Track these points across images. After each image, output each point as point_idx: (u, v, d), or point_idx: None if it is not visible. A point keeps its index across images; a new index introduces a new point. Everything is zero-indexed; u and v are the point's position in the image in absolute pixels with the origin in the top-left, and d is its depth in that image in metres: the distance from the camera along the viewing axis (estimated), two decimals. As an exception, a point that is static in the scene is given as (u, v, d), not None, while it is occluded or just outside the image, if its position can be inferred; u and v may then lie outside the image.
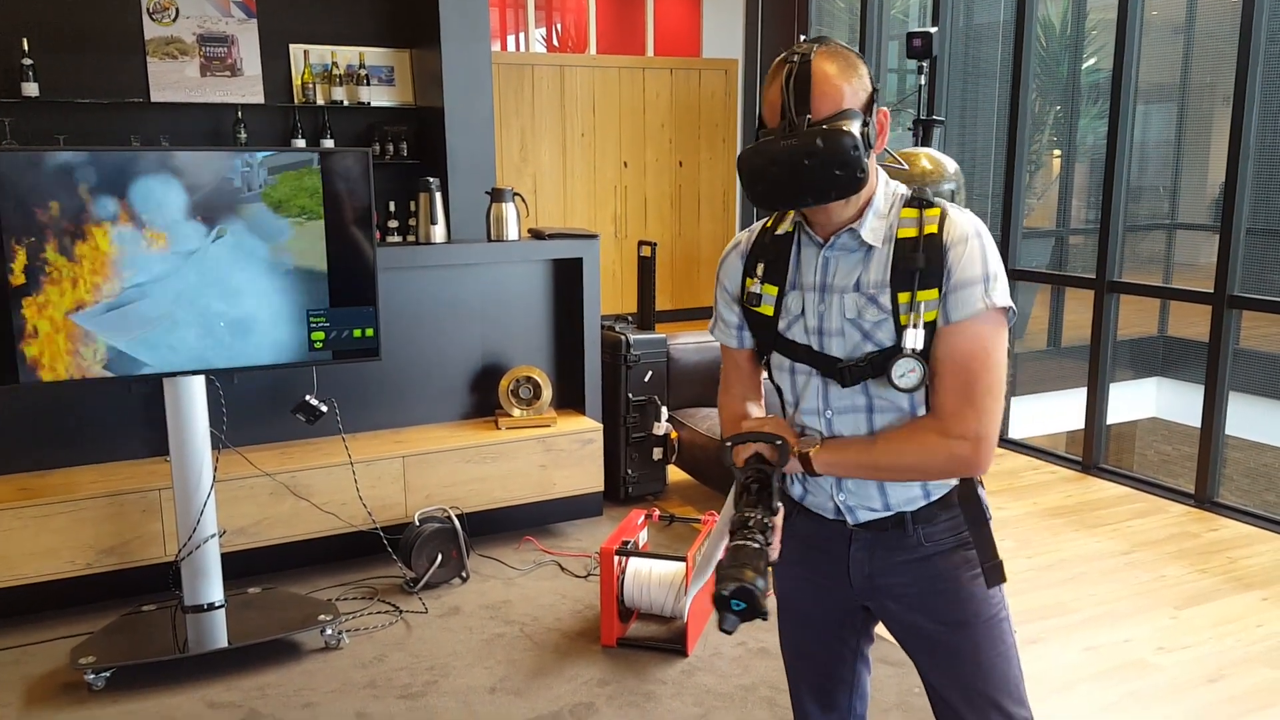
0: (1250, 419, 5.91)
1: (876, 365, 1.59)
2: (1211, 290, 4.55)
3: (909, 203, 1.62)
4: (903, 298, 1.57)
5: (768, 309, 1.69)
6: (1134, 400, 6.84)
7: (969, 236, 1.56)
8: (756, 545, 1.50)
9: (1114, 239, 5.03)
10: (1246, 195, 4.43)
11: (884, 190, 1.63)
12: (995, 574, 1.67)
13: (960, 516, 1.68)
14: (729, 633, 1.48)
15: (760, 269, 1.70)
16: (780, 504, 1.58)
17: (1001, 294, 1.56)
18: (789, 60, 1.53)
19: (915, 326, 1.55)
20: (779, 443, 1.59)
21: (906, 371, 1.55)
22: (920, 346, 1.55)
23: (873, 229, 1.60)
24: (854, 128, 1.50)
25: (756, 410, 1.79)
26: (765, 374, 1.80)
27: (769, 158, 1.51)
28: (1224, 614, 3.53)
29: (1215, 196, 5.68)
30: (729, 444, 1.63)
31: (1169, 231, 6.51)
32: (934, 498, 1.67)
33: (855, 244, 1.61)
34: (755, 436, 1.61)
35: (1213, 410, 4.58)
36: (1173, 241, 6.51)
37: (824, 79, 1.51)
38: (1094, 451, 5.14)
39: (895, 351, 1.57)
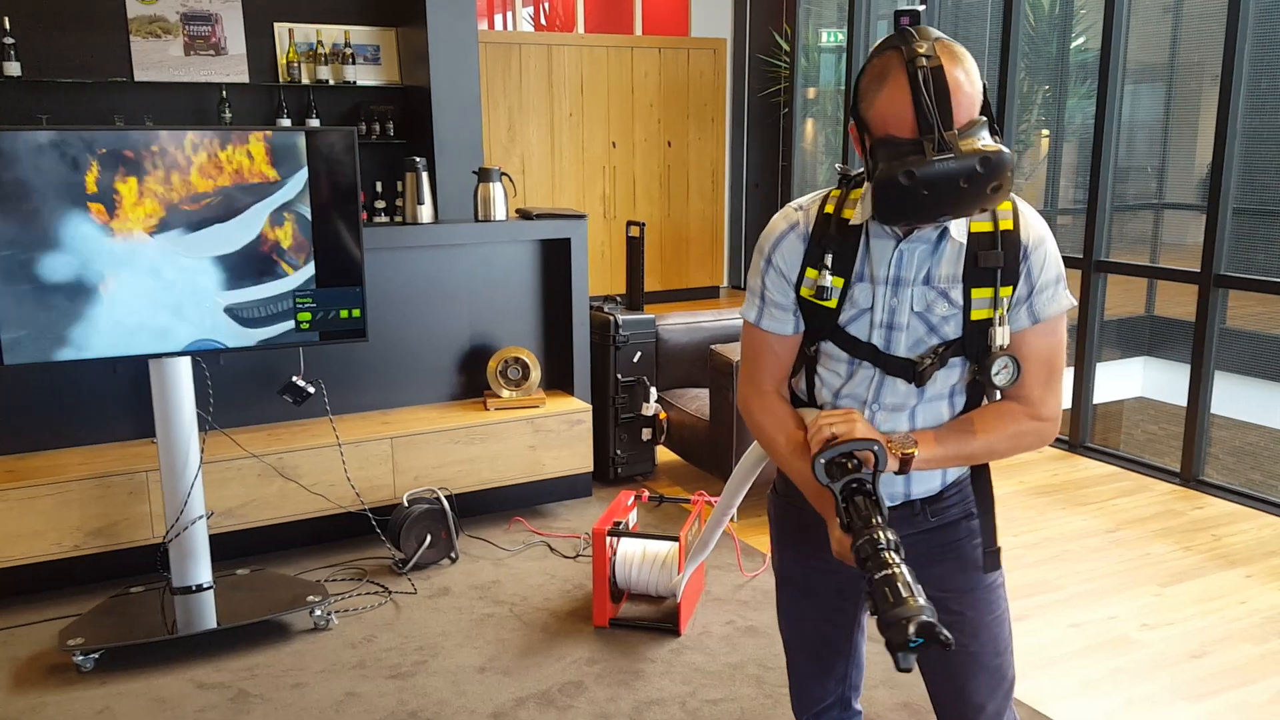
0: (1236, 398, 5.94)
1: (944, 360, 1.59)
2: (1198, 270, 4.57)
3: None
4: (979, 293, 1.56)
5: (832, 302, 1.60)
6: (1121, 379, 6.86)
7: (1045, 237, 1.58)
8: (901, 570, 1.37)
9: (1101, 219, 5.04)
10: (1233, 175, 4.44)
11: None
12: (993, 560, 1.72)
13: (968, 487, 1.72)
14: (907, 670, 1.32)
15: (829, 260, 1.59)
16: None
17: (1069, 293, 1.62)
18: (915, 64, 1.40)
19: (1002, 324, 1.56)
20: (876, 448, 1.49)
21: (1001, 369, 1.56)
22: (1007, 343, 1.57)
23: (958, 223, 1.56)
24: (987, 135, 1.43)
25: (804, 411, 1.69)
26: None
27: (923, 180, 1.39)
28: (1208, 591, 3.56)
29: (1203, 176, 5.69)
30: (823, 459, 1.48)
31: (1156, 211, 6.52)
32: (949, 481, 1.70)
33: (932, 236, 1.56)
34: (853, 446, 1.48)
35: (1199, 389, 4.61)
36: (1160, 221, 6.52)
37: (958, 87, 1.41)
38: (1080, 430, 5.16)
39: (977, 347, 1.58)
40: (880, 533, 1.40)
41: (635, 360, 4.48)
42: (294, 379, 3.52)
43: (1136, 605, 3.46)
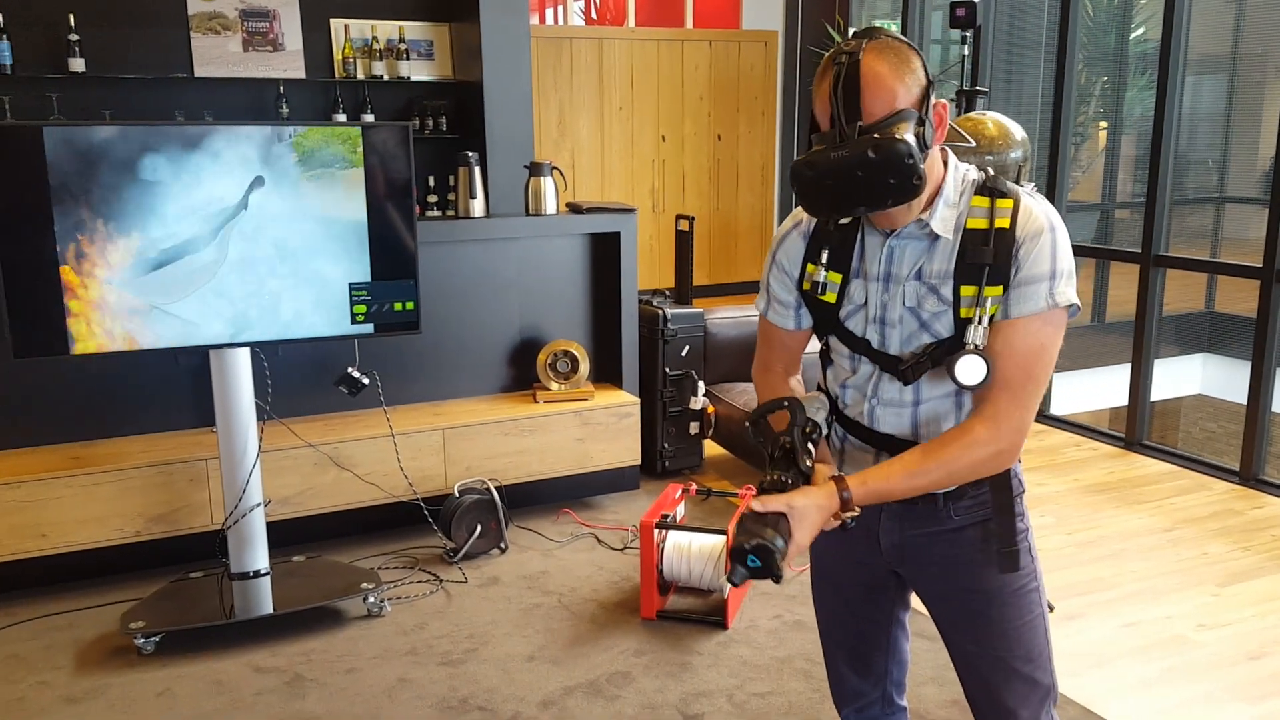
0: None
1: (935, 359, 1.57)
2: (1260, 265, 4.47)
3: (980, 190, 1.56)
4: (966, 291, 1.54)
5: (831, 296, 1.65)
6: (1179, 376, 6.74)
7: (1043, 231, 1.52)
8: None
9: (1160, 212, 4.94)
10: (1298, 168, 4.33)
11: (954, 176, 1.58)
12: (1008, 561, 1.66)
13: (987, 490, 1.67)
14: (735, 584, 1.49)
15: (825, 255, 1.64)
16: (811, 463, 1.57)
17: (1065, 292, 1.52)
18: (836, 60, 1.45)
19: (980, 323, 1.53)
20: (786, 403, 1.59)
21: (970, 368, 1.52)
22: (983, 343, 1.53)
23: (943, 219, 1.55)
24: (908, 130, 1.43)
25: (799, 388, 1.81)
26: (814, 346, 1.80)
27: (821, 170, 1.44)
28: (1267, 592, 3.49)
29: (1265, 169, 5.56)
30: (748, 424, 1.63)
31: (1217, 205, 6.39)
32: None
33: (922, 233, 1.57)
34: (765, 409, 1.62)
35: (1259, 387, 4.51)
36: (1221, 215, 6.39)
37: (875, 80, 1.44)
38: (1137, 428, 5.08)
39: (956, 345, 1.55)
40: (785, 475, 1.53)
41: (684, 354, 4.49)
42: (349, 370, 3.58)
43: (1193, 605, 3.40)
